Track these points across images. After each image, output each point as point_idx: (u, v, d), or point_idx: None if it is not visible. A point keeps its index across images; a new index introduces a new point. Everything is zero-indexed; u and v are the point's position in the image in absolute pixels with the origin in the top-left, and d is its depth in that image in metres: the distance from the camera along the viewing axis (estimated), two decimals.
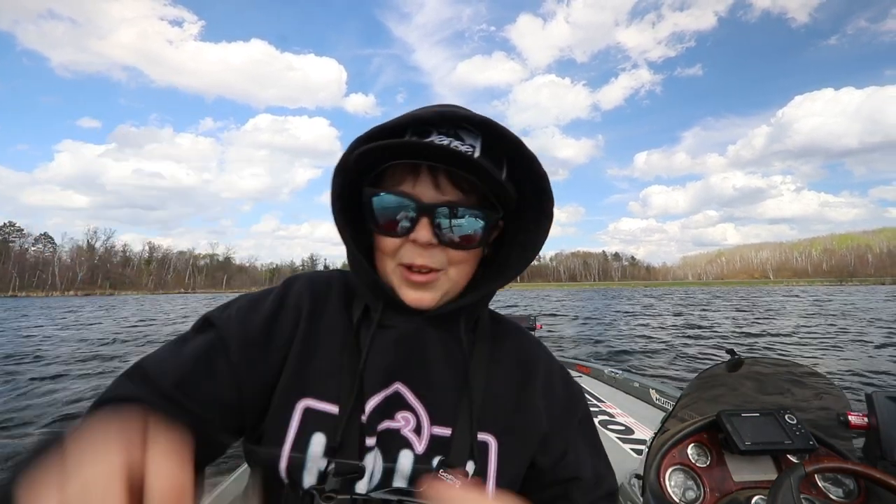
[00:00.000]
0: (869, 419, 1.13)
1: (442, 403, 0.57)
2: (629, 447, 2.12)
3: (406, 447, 0.55)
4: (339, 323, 0.59)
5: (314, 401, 0.54)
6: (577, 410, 0.67)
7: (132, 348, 10.79)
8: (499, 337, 0.66)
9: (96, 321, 19.86)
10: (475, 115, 0.51)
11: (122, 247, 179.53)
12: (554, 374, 0.67)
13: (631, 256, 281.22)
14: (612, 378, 3.31)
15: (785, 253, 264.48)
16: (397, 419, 0.56)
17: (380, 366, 0.56)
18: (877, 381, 6.38)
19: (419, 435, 0.55)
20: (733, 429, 1.14)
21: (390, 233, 0.53)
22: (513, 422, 0.60)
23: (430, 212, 0.51)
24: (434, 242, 0.52)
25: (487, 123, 0.51)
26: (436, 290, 0.55)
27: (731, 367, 1.33)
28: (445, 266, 0.54)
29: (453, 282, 0.56)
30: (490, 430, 0.58)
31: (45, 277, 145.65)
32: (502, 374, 0.62)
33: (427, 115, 0.51)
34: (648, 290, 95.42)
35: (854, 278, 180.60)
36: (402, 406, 0.56)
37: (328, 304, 0.61)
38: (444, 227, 0.52)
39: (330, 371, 0.56)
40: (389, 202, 0.52)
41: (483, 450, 0.57)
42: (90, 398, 5.65)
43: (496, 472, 0.56)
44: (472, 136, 0.52)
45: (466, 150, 0.51)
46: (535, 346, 0.69)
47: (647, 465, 1.20)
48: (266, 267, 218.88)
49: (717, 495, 1.13)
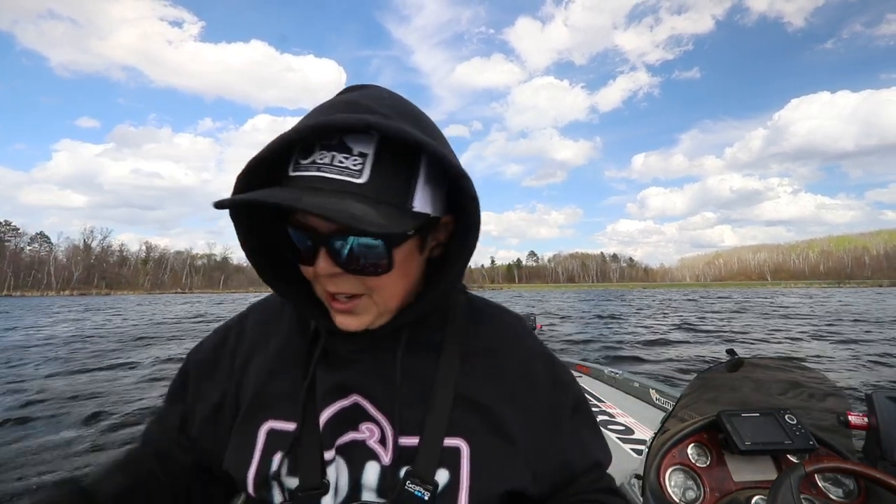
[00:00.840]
0: (869, 419, 1.13)
1: (408, 412, 0.54)
2: (629, 447, 2.12)
3: (372, 459, 0.53)
4: (295, 344, 0.61)
5: (276, 421, 0.56)
6: (566, 404, 0.63)
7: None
8: (474, 326, 0.62)
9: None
10: (355, 121, 0.42)
11: (118, 246, 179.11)
12: (535, 364, 0.62)
13: (629, 258, 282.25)
14: (612, 378, 3.31)
15: (782, 255, 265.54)
16: (361, 430, 0.55)
17: (333, 378, 0.56)
18: (877, 382, 6.41)
19: (384, 446, 0.54)
20: (733, 429, 1.14)
21: (301, 262, 0.51)
22: (489, 423, 0.56)
23: (325, 242, 0.47)
24: (337, 272, 0.48)
25: (374, 127, 0.42)
26: (362, 315, 0.52)
27: (731, 367, 1.33)
28: (365, 290, 0.50)
29: (383, 303, 0.52)
30: (461, 435, 0.54)
31: (41, 277, 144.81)
32: (477, 370, 0.58)
33: (303, 133, 0.43)
34: (647, 291, 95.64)
35: (852, 280, 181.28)
36: (364, 418, 0.55)
37: (283, 326, 0.63)
38: (344, 256, 0.47)
39: (289, 391, 0.57)
40: (294, 235, 0.49)
41: (454, 455, 0.53)
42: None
43: (468, 477, 0.52)
44: (365, 142, 0.44)
45: (354, 163, 0.43)
46: (516, 336, 0.64)
47: (647, 465, 1.20)
48: None
49: (717, 495, 1.13)
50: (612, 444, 2.16)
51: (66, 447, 3.90)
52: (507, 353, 0.62)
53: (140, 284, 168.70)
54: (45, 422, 4.60)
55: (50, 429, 4.37)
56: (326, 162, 0.43)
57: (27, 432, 4.29)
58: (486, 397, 0.57)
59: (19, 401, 5.39)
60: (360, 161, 0.44)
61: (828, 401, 1.28)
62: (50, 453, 3.75)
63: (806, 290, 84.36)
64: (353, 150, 0.44)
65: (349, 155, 0.44)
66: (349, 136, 0.44)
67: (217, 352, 0.65)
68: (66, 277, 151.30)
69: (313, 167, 0.44)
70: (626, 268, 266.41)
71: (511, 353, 0.62)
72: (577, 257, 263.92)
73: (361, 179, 0.43)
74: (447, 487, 0.51)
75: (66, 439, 4.08)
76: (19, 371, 7.39)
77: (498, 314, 0.67)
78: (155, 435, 0.64)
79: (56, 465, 3.52)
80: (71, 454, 3.76)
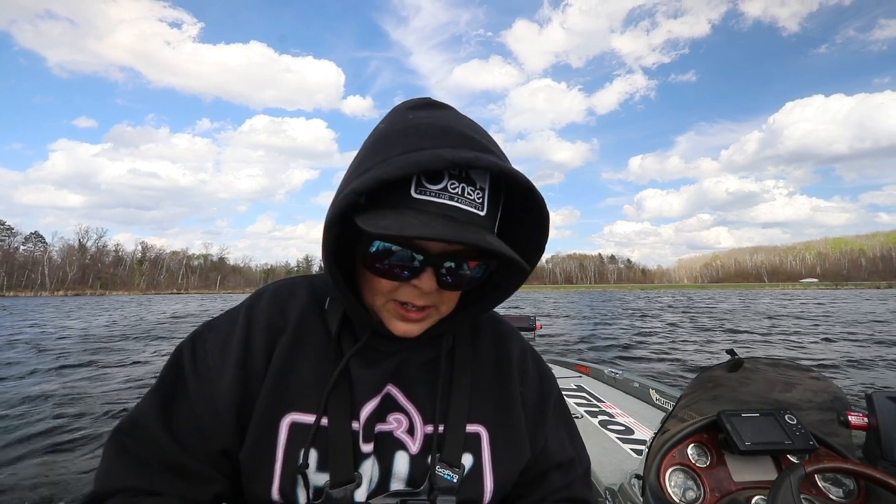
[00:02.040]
0: (869, 419, 1.13)
1: (432, 401, 0.58)
2: (629, 447, 2.12)
3: (401, 448, 0.55)
4: (315, 332, 0.59)
5: (299, 414, 0.54)
6: (551, 395, 0.69)
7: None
8: (477, 329, 0.68)
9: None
10: (492, 164, 0.46)
11: (114, 246, 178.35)
12: (527, 358, 0.69)
13: (627, 259, 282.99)
14: (612, 378, 3.31)
15: (779, 256, 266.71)
16: (389, 421, 0.56)
17: (368, 372, 0.56)
18: (877, 382, 6.44)
19: (412, 435, 0.56)
20: (733, 429, 1.14)
21: (388, 276, 0.51)
22: (500, 410, 0.62)
23: (437, 265, 0.50)
24: (436, 289, 0.52)
25: (505, 172, 0.47)
26: (426, 323, 0.56)
27: (731, 367, 1.33)
28: (439, 304, 0.55)
29: (442, 314, 0.57)
30: (479, 422, 0.59)
31: (35, 277, 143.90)
32: (484, 364, 0.64)
33: (438, 166, 0.45)
34: (645, 292, 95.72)
35: (849, 282, 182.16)
36: (393, 408, 0.57)
37: (299, 315, 0.60)
38: (447, 277, 0.52)
39: (312, 382, 0.55)
40: (395, 251, 0.50)
41: (475, 441, 0.58)
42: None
43: (491, 461, 0.57)
44: (482, 177, 0.49)
45: (478, 196, 0.49)
46: (507, 331, 0.71)
47: (647, 465, 1.20)
48: (261, 267, 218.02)
49: (717, 495, 1.13)
50: (612, 444, 2.16)
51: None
52: (505, 349, 0.68)
53: (135, 285, 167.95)
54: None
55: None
56: (458, 192, 0.48)
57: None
58: (494, 386, 0.63)
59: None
60: (481, 195, 0.49)
61: (828, 401, 1.28)
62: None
63: (802, 292, 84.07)
64: (476, 184, 0.49)
65: (475, 188, 0.49)
66: (473, 171, 0.49)
67: (224, 344, 0.57)
68: (61, 277, 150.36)
69: (445, 195, 0.47)
70: (624, 269, 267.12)
71: (508, 349, 0.68)
72: (574, 258, 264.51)
73: (482, 212, 0.49)
74: (472, 471, 0.56)
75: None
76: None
77: (492, 316, 0.72)
78: (166, 457, 0.53)
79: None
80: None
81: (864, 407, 1.16)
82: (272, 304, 0.60)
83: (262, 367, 0.56)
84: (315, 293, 0.63)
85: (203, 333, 0.59)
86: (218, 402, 0.54)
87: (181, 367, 0.57)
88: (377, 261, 0.50)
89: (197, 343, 0.58)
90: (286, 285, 0.64)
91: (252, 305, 0.61)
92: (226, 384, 0.55)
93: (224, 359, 0.56)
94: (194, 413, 0.54)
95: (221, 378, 0.55)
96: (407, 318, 0.54)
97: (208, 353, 0.57)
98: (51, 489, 3.15)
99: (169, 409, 0.55)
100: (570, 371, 3.84)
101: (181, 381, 0.56)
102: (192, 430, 0.54)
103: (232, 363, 0.55)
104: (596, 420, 2.52)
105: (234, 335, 0.58)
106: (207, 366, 0.56)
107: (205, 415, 0.54)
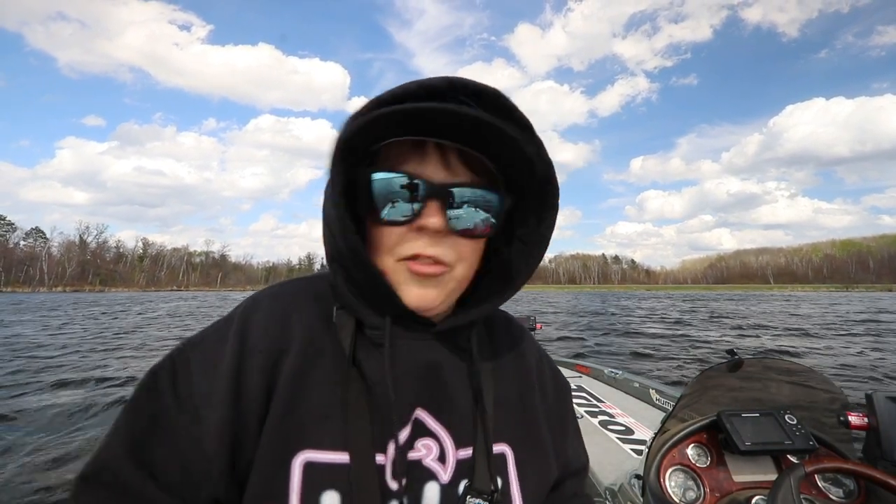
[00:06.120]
0: (869, 419, 1.13)
1: (462, 423, 0.50)
2: (629, 447, 2.12)
3: (431, 479, 0.47)
4: (324, 351, 0.48)
5: (315, 452, 0.44)
6: (567, 406, 0.65)
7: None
8: (492, 334, 0.60)
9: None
10: (487, 87, 0.43)
11: (115, 243, 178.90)
12: (544, 369, 0.64)
13: (630, 260, 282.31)
14: (612, 378, 3.31)
15: (785, 258, 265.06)
16: (418, 448, 0.48)
17: (398, 396, 0.47)
18: (877, 382, 6.41)
19: (444, 463, 0.48)
20: (733, 429, 1.14)
21: (392, 218, 0.45)
22: (522, 427, 0.55)
23: (443, 194, 0.44)
24: (445, 230, 0.45)
25: (498, 97, 0.44)
26: (441, 288, 0.48)
27: (732, 367, 1.33)
28: (453, 262, 0.47)
29: (458, 281, 0.49)
30: (504, 441, 0.53)
31: (33, 273, 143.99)
32: (504, 376, 0.57)
33: (436, 84, 0.43)
34: (659, 293, 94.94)
35: (860, 285, 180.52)
36: (422, 433, 0.49)
37: (304, 331, 0.49)
38: (456, 213, 0.45)
39: (326, 412, 0.45)
40: (394, 183, 0.44)
41: (501, 462, 0.51)
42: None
43: (518, 484, 0.51)
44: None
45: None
46: (523, 337, 0.65)
47: (648, 465, 1.20)
48: (262, 265, 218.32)
49: (717, 495, 1.13)
50: (612, 444, 2.17)
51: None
52: (522, 357, 0.61)
53: (135, 281, 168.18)
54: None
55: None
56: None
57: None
58: (515, 399, 0.56)
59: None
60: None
61: (828, 401, 1.28)
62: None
63: (814, 294, 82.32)
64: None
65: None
66: (464, 104, 0.44)
67: (213, 366, 0.46)
68: (60, 273, 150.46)
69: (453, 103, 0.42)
70: (628, 270, 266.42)
71: (525, 357, 0.61)
72: (578, 258, 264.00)
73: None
74: (501, 495, 0.49)
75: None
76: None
77: (503, 317, 0.65)
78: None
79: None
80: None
81: (864, 407, 1.16)
82: (270, 317, 0.49)
83: (262, 395, 0.45)
84: (320, 301, 0.52)
85: (185, 352, 0.48)
86: (206, 440, 0.43)
87: (158, 395, 0.45)
88: (379, 198, 0.45)
89: (178, 365, 0.47)
90: (286, 293, 0.53)
91: (246, 318, 0.49)
92: (216, 417, 0.43)
93: (213, 384, 0.45)
94: (177, 454, 0.43)
95: (210, 409, 0.44)
96: (420, 277, 0.46)
97: (193, 378, 0.45)
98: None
99: (145, 448, 0.44)
100: (570, 371, 3.84)
101: (160, 414, 0.44)
102: (174, 476, 0.43)
103: (223, 391, 0.44)
104: (596, 420, 2.52)
105: (225, 355, 0.46)
106: (192, 394, 0.45)
107: (191, 456, 0.43)
